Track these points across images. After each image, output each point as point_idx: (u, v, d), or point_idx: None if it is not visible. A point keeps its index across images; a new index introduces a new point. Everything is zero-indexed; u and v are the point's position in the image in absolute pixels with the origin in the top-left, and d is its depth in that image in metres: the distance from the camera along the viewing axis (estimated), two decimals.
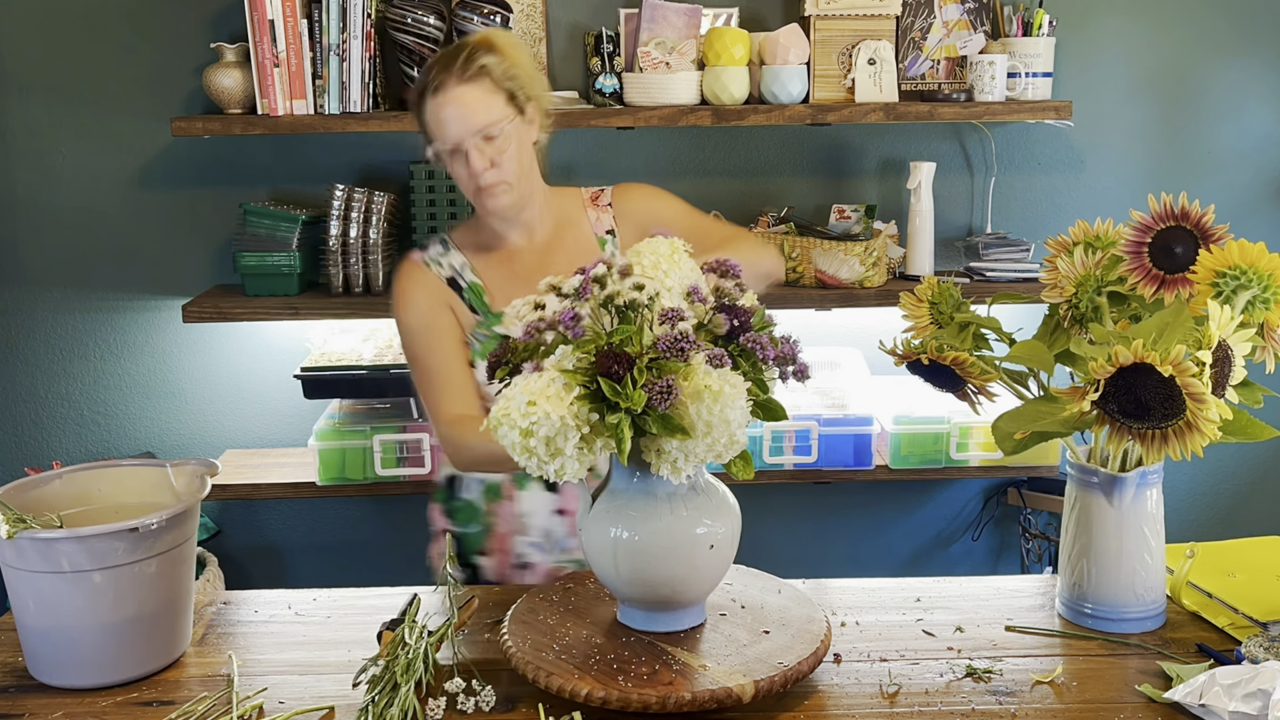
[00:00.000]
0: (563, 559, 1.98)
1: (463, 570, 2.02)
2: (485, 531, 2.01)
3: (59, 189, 3.03)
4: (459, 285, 1.96)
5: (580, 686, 1.37)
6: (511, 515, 1.99)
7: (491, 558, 2.01)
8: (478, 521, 2.01)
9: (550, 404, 1.31)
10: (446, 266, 1.98)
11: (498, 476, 1.99)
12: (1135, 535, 1.56)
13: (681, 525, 1.43)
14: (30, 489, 1.58)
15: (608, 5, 2.96)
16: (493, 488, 2.00)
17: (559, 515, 1.98)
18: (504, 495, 1.99)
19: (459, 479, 2.03)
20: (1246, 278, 1.42)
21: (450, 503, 2.04)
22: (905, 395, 2.93)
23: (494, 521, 2.00)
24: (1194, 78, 3.08)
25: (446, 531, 2.03)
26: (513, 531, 1.99)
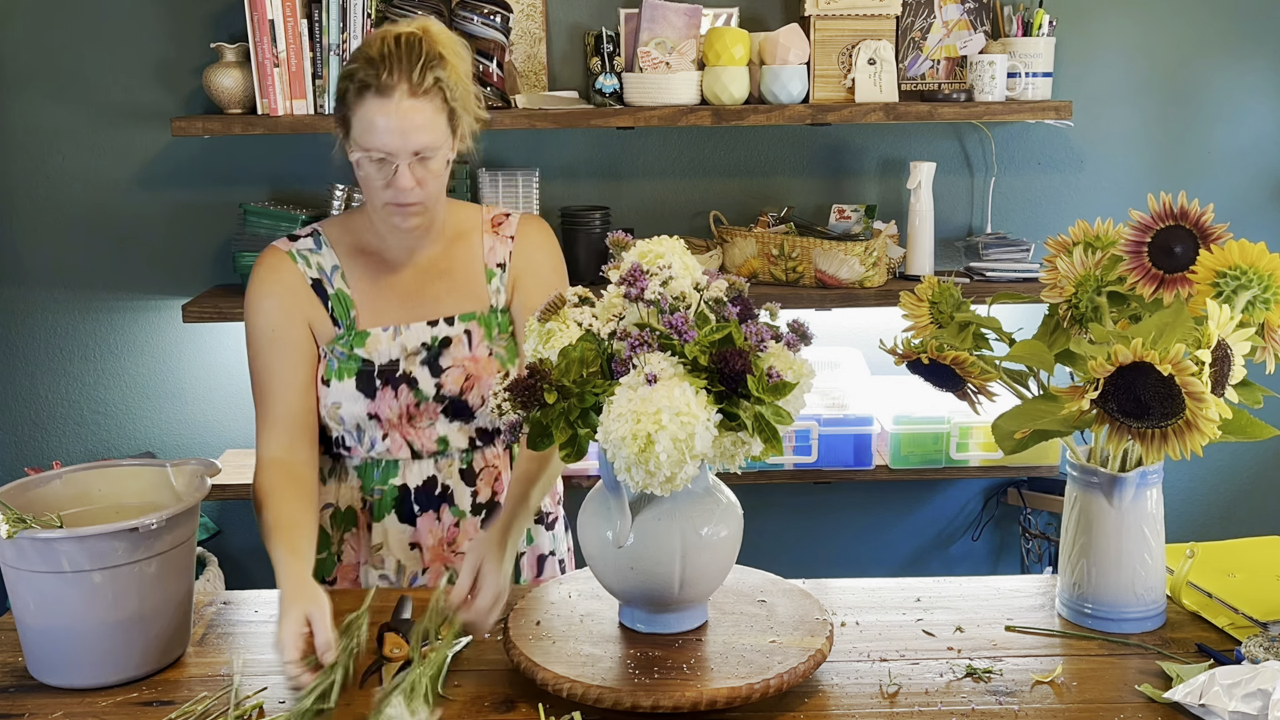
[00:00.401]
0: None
1: None
2: (331, 560, 1.88)
3: (59, 189, 3.03)
4: (324, 291, 1.82)
5: (580, 687, 1.37)
6: (362, 545, 1.87)
7: (339, 587, 1.87)
8: (325, 548, 1.86)
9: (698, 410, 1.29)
10: (315, 266, 1.82)
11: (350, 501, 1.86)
12: (1135, 535, 1.56)
13: (683, 527, 1.43)
14: (30, 489, 1.58)
15: (608, 5, 2.96)
16: (343, 515, 1.87)
17: (412, 549, 1.86)
18: (359, 524, 1.87)
19: None
20: (1247, 278, 1.42)
21: None
22: (905, 395, 2.93)
23: (342, 550, 1.88)
24: (1194, 78, 3.08)
25: None
26: (362, 562, 1.87)
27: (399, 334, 1.82)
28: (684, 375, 1.33)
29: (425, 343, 1.83)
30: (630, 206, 3.07)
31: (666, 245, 1.45)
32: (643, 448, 1.28)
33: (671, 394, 1.29)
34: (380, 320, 1.83)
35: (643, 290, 1.37)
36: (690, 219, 3.09)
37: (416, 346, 1.83)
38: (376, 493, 1.86)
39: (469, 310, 1.85)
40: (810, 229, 2.96)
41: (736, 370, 1.31)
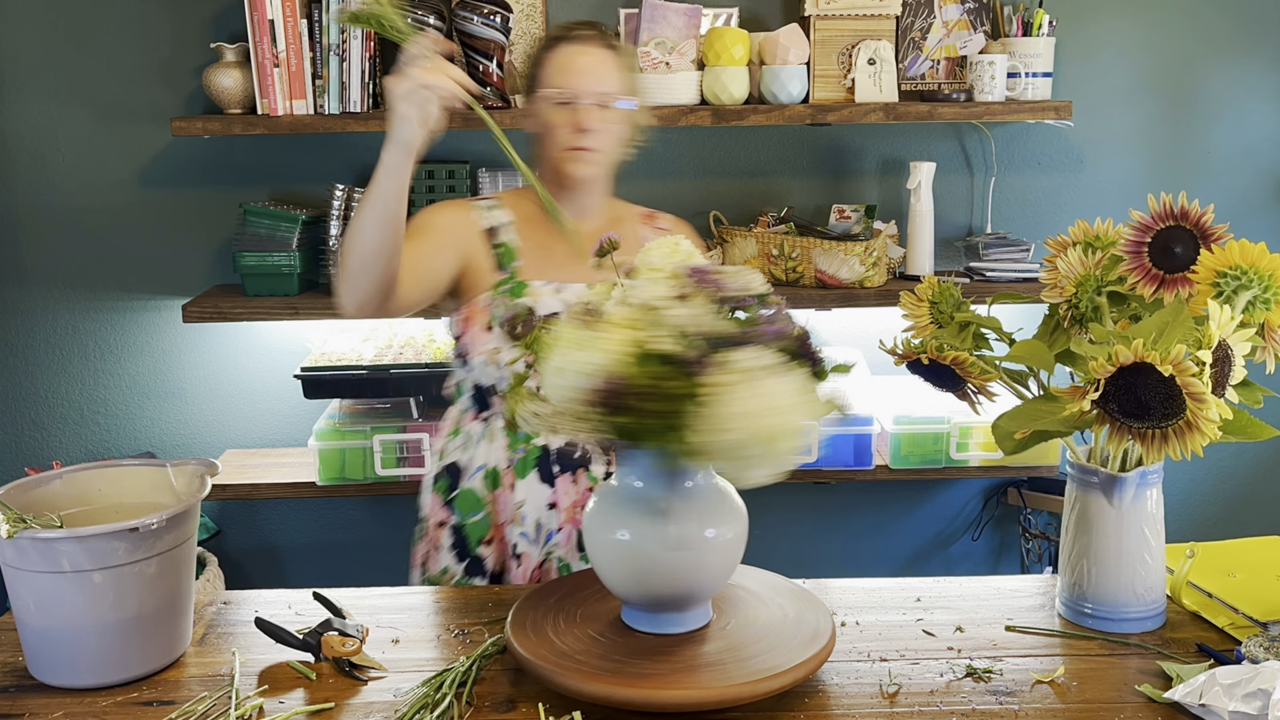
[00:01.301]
0: (549, 553, 1.96)
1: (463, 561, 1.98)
2: (486, 520, 1.98)
3: (59, 189, 3.03)
4: (494, 239, 1.96)
5: (582, 686, 1.37)
6: (508, 504, 1.96)
7: (492, 548, 1.98)
8: (479, 509, 1.98)
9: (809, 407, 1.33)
10: (490, 218, 1.98)
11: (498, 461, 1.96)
12: (1135, 535, 1.56)
13: (687, 528, 1.43)
14: (30, 489, 1.58)
15: (608, 5, 2.96)
16: (492, 475, 1.97)
17: (550, 508, 1.95)
18: (503, 484, 1.96)
19: (461, 468, 1.99)
20: (1247, 278, 1.42)
21: (451, 493, 2.00)
22: (905, 395, 2.93)
23: (494, 510, 1.98)
24: (1194, 78, 3.08)
25: (443, 524, 2.00)
26: (508, 521, 1.97)
27: (560, 290, 1.93)
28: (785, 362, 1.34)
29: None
30: None
31: (685, 245, 1.44)
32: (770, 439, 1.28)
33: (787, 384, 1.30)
34: (543, 275, 1.94)
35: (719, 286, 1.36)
36: (690, 219, 3.08)
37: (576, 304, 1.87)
38: (521, 451, 1.95)
39: None
40: (810, 229, 2.96)
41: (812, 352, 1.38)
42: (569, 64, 1.91)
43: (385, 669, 1.51)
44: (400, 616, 1.66)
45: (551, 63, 1.93)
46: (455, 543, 1.99)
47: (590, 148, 1.90)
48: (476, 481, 1.98)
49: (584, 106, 1.89)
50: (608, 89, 1.91)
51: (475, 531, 1.98)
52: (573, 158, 1.91)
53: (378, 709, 1.42)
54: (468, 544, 1.98)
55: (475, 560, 1.99)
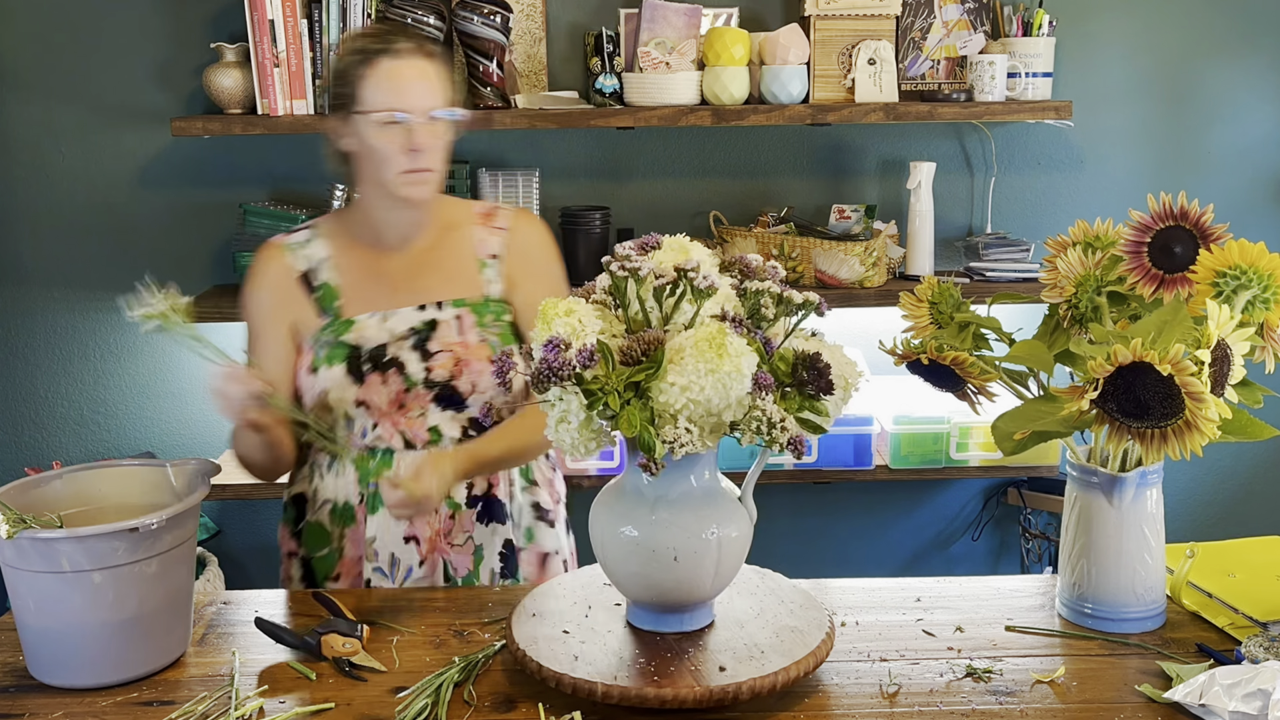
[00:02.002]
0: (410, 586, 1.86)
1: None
2: (333, 556, 1.89)
3: (59, 189, 3.03)
4: (311, 283, 1.86)
5: (582, 686, 1.37)
6: (360, 539, 1.87)
7: (340, 583, 1.89)
8: (326, 544, 1.89)
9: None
10: (304, 258, 1.87)
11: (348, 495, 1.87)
12: (1135, 535, 1.56)
13: (692, 527, 1.43)
14: (30, 489, 1.58)
15: (608, 5, 2.96)
16: (340, 511, 1.88)
17: (407, 542, 1.86)
18: (355, 518, 1.87)
19: (307, 499, 1.91)
20: (1247, 278, 1.42)
21: (298, 524, 1.92)
22: (905, 395, 2.93)
23: (344, 545, 1.88)
24: (1194, 78, 3.08)
25: (293, 555, 1.93)
26: (360, 556, 1.87)
27: (387, 319, 1.85)
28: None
29: (413, 326, 1.85)
30: (630, 206, 3.07)
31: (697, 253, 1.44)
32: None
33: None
34: (368, 307, 1.86)
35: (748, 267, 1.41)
36: (690, 219, 3.09)
37: (404, 331, 1.84)
38: (372, 485, 1.86)
39: (460, 296, 1.87)
40: (810, 229, 2.96)
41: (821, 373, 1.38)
42: (393, 80, 1.74)
43: (385, 669, 1.51)
44: (400, 616, 1.66)
45: (370, 80, 1.75)
46: (304, 575, 1.92)
47: (426, 168, 1.77)
48: (323, 515, 1.89)
49: (416, 126, 1.74)
50: (437, 103, 1.77)
51: (322, 567, 1.89)
52: (409, 180, 1.77)
53: (378, 709, 1.42)
54: (315, 578, 1.91)
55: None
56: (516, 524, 1.93)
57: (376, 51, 1.76)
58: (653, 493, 1.44)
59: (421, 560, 1.88)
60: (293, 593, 1.78)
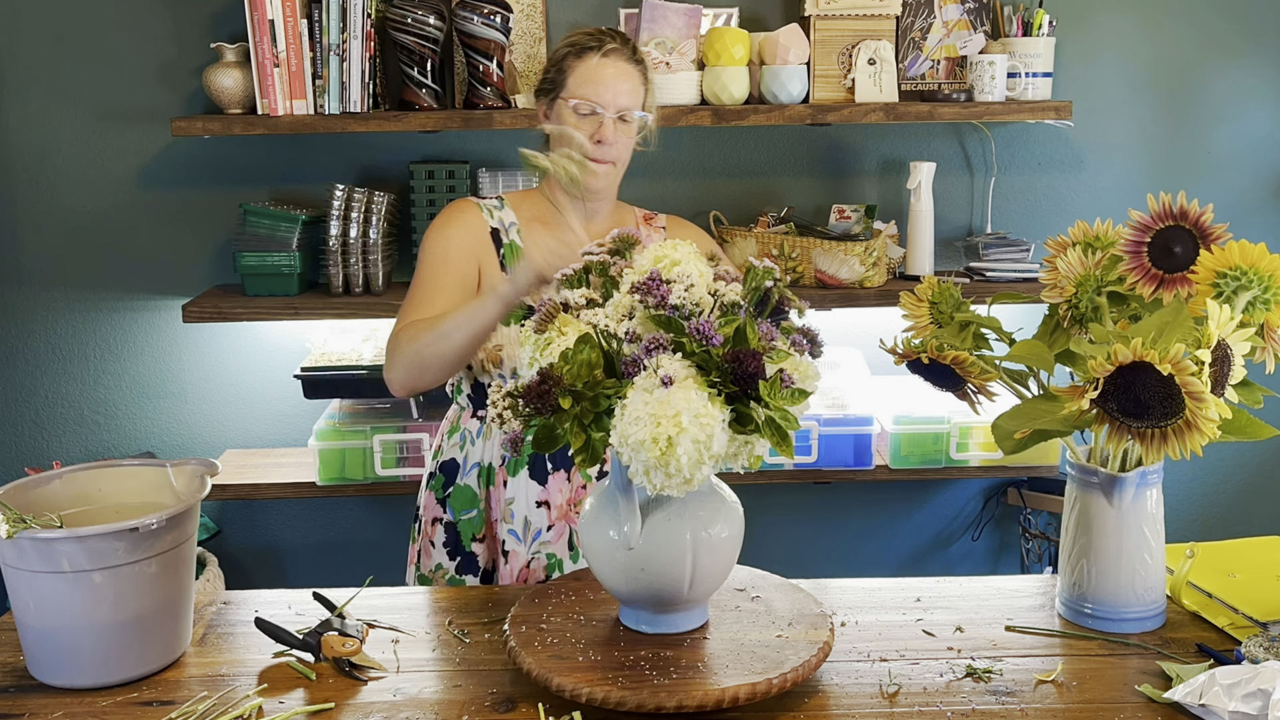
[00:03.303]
0: (536, 551, 1.99)
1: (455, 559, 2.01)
2: (481, 517, 2.01)
3: (59, 189, 3.03)
4: (499, 240, 1.99)
5: (581, 686, 1.37)
6: (500, 501, 1.99)
7: (485, 544, 2.01)
8: (474, 506, 2.01)
9: (714, 411, 1.30)
10: (497, 219, 2.01)
11: (491, 459, 1.99)
12: (1135, 535, 1.56)
13: (684, 527, 1.43)
14: (30, 489, 1.58)
15: (608, 5, 2.96)
16: (487, 472, 2.00)
17: (539, 507, 1.98)
18: (497, 480, 1.99)
19: (456, 465, 2.02)
20: (1247, 278, 1.42)
21: (446, 490, 2.03)
22: (905, 395, 2.93)
23: (488, 508, 2.01)
24: (1194, 78, 3.08)
25: (437, 521, 2.03)
26: (499, 518, 1.99)
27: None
28: (696, 377, 1.33)
29: None
30: None
31: (682, 251, 1.45)
32: (663, 451, 1.29)
33: (689, 396, 1.30)
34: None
35: (664, 298, 1.37)
36: (690, 219, 3.07)
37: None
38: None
39: None
40: (810, 229, 2.96)
41: (750, 371, 1.31)
42: (596, 75, 1.94)
43: (385, 669, 1.51)
44: (400, 616, 1.66)
45: (577, 71, 1.95)
46: (448, 539, 2.02)
47: (607, 160, 1.95)
48: (471, 478, 2.01)
49: (606, 120, 1.93)
50: (629, 103, 1.95)
51: (468, 529, 2.01)
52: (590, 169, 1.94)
53: (378, 709, 1.42)
54: (460, 541, 2.01)
55: (468, 557, 2.01)
56: None
57: (588, 47, 1.96)
58: (643, 494, 1.44)
59: (550, 525, 1.98)
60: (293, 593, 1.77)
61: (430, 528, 2.04)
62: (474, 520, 2.01)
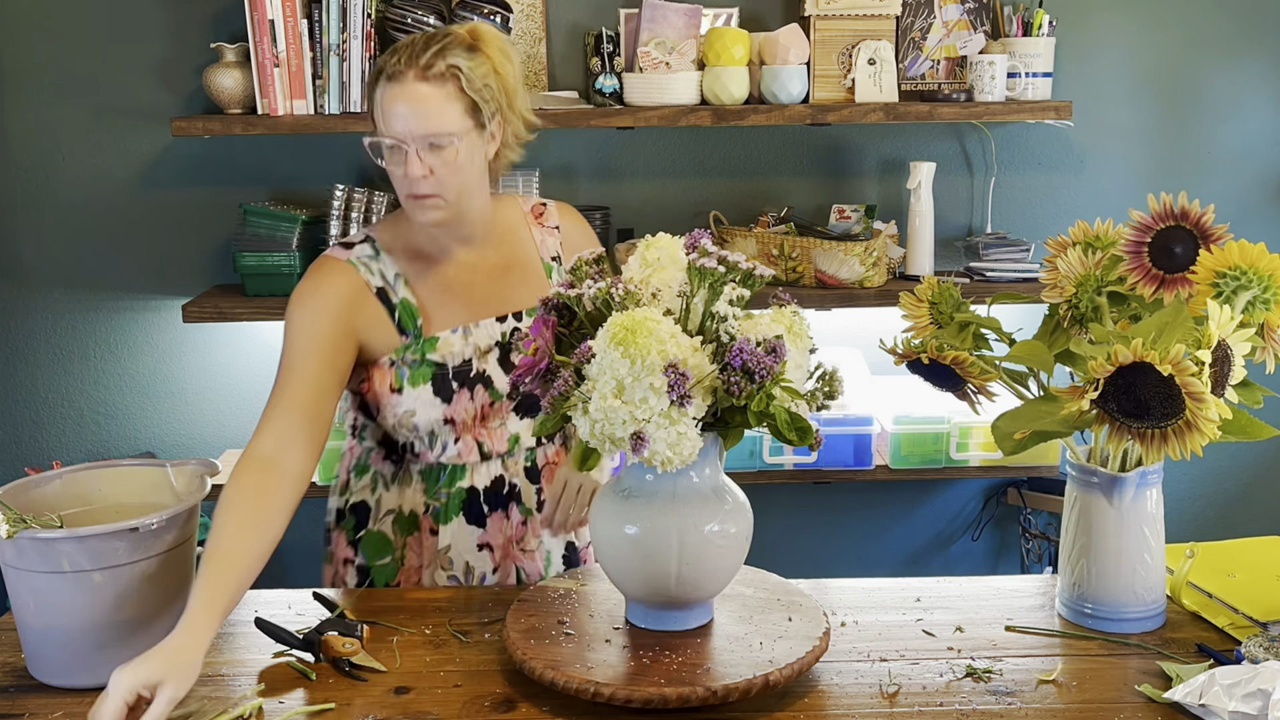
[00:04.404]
0: None
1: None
2: (395, 565, 1.86)
3: (59, 189, 3.03)
4: (389, 300, 1.77)
5: (582, 684, 1.37)
6: (428, 549, 1.85)
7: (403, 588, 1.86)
8: (388, 553, 1.86)
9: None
10: (377, 274, 1.77)
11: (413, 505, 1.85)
12: (1135, 535, 1.56)
13: (695, 524, 1.43)
14: (30, 489, 1.58)
15: (608, 5, 2.96)
16: (405, 520, 1.85)
17: (481, 550, 1.85)
18: (422, 528, 1.85)
19: (370, 509, 1.87)
20: (1247, 278, 1.42)
21: (358, 533, 1.88)
22: (905, 395, 2.93)
23: (405, 555, 1.86)
24: (1194, 78, 3.08)
25: (349, 563, 1.89)
26: (429, 564, 1.85)
27: (469, 333, 1.80)
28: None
29: (497, 340, 1.82)
30: (630, 206, 3.07)
31: (665, 245, 1.45)
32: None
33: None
34: (448, 322, 1.80)
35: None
36: (690, 219, 3.08)
37: (489, 344, 1.81)
38: (442, 496, 1.84)
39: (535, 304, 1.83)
40: (810, 229, 2.96)
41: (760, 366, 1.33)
42: (386, 106, 1.66)
43: (385, 669, 1.51)
44: (400, 616, 1.66)
45: (377, 104, 1.69)
46: (360, 583, 1.89)
47: (427, 194, 1.68)
48: (385, 525, 1.86)
49: (410, 154, 1.65)
50: (432, 129, 1.64)
51: (381, 576, 1.87)
52: (415, 206, 1.71)
53: (378, 709, 1.42)
54: (375, 585, 1.88)
55: None
56: None
57: (381, 71, 1.68)
58: (654, 489, 1.44)
59: (495, 568, 1.86)
60: (293, 593, 1.77)
61: (342, 568, 1.90)
62: (388, 568, 1.86)
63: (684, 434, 1.32)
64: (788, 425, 1.35)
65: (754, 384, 1.32)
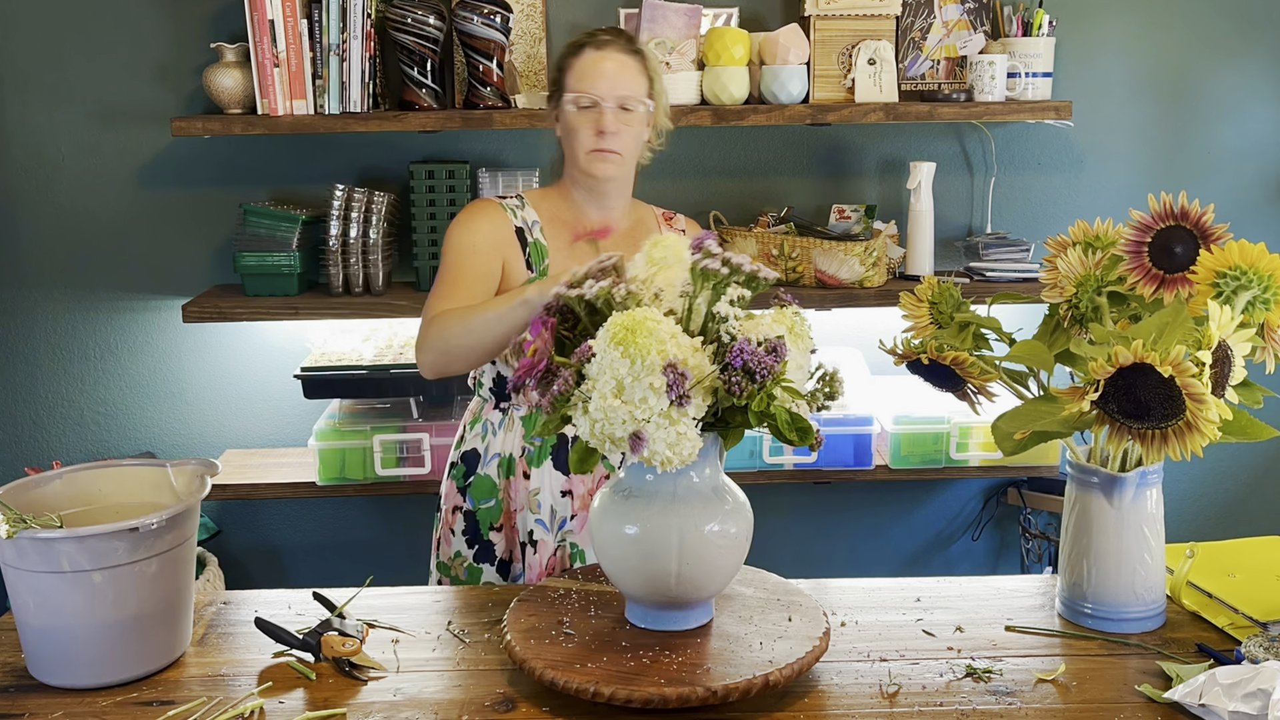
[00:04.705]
0: (563, 539, 2.04)
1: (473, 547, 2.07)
2: (499, 506, 2.06)
3: (59, 189, 3.03)
4: (524, 239, 2.03)
5: (581, 684, 1.37)
6: (522, 491, 2.04)
7: (503, 534, 2.07)
8: (493, 496, 2.06)
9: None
10: (520, 217, 2.04)
11: (513, 449, 2.03)
12: (1135, 535, 1.56)
13: (695, 524, 1.43)
14: (30, 489, 1.58)
15: (608, 5, 2.96)
16: (507, 463, 2.05)
17: (564, 496, 2.03)
18: (517, 471, 2.04)
19: (478, 455, 2.07)
20: (1247, 278, 1.42)
21: (467, 479, 2.08)
22: (905, 395, 2.93)
23: (506, 497, 2.06)
24: (1194, 78, 3.08)
25: (457, 510, 2.08)
26: (521, 508, 2.04)
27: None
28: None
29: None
30: None
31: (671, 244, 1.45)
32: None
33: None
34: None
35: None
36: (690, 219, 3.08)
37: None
38: (537, 440, 2.03)
39: None
40: (810, 229, 2.96)
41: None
42: (591, 69, 1.98)
43: (385, 669, 1.51)
44: (400, 616, 1.66)
45: (574, 68, 2.00)
46: (467, 528, 2.07)
47: (611, 149, 1.98)
48: (491, 468, 2.06)
49: (605, 110, 1.97)
50: (627, 92, 1.98)
51: (486, 517, 2.06)
52: (596, 159, 1.98)
53: (378, 709, 1.42)
54: (479, 529, 2.07)
55: (485, 545, 2.06)
56: None
57: (582, 44, 2.01)
58: (654, 489, 1.44)
59: (573, 514, 2.03)
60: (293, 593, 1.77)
61: (450, 516, 2.10)
62: (492, 510, 2.06)
63: (683, 434, 1.33)
64: (788, 425, 1.36)
65: (755, 384, 1.33)
